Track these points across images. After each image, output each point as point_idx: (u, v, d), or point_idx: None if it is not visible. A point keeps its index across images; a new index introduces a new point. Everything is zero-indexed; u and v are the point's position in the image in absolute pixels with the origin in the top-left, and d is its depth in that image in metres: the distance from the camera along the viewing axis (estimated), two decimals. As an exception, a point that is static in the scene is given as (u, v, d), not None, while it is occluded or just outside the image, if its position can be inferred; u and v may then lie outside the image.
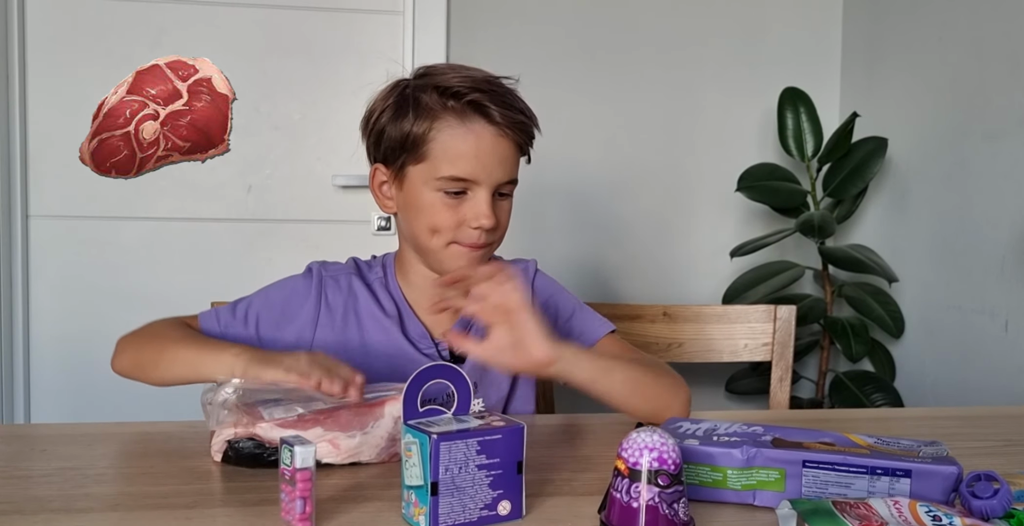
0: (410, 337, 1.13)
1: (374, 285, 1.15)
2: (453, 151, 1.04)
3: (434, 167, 1.05)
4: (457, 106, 1.04)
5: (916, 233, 2.00)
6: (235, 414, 0.88)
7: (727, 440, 0.80)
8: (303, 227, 2.13)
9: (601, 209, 2.24)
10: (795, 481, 0.77)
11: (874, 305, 1.93)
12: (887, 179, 2.09)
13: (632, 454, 0.68)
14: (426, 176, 1.05)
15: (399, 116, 1.06)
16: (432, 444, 0.70)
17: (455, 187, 1.05)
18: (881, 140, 1.98)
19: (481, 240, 1.07)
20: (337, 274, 1.15)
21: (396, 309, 1.14)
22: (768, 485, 0.78)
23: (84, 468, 0.87)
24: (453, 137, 1.04)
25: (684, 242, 2.26)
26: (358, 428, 0.88)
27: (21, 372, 2.04)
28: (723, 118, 2.25)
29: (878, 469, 0.75)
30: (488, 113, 1.04)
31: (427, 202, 1.06)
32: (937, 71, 1.94)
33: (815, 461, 0.76)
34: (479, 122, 1.04)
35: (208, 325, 1.11)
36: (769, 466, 0.77)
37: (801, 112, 2.05)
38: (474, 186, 1.05)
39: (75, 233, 2.05)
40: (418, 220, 1.07)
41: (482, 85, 1.05)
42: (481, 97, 1.04)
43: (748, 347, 1.64)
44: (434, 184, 1.05)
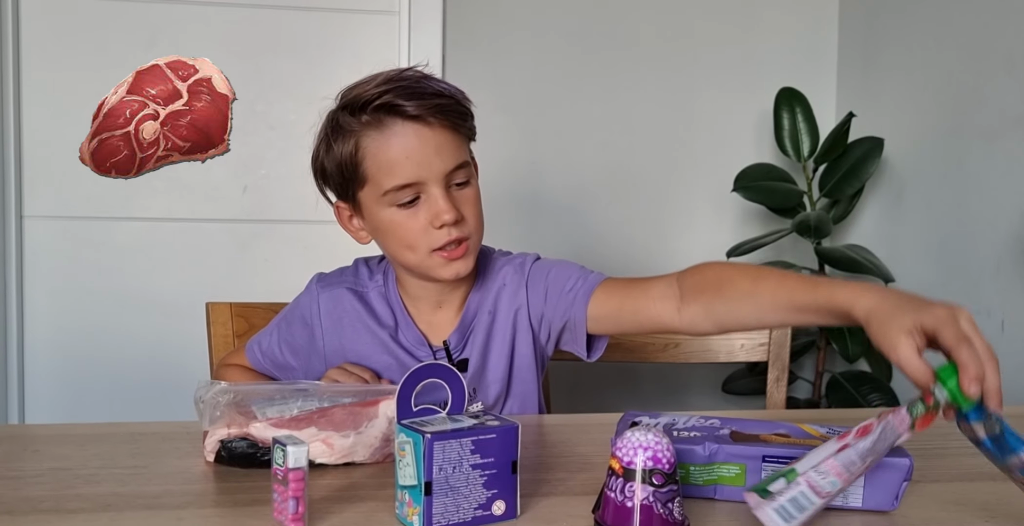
0: (405, 345, 1.13)
1: (370, 295, 1.16)
2: (384, 162, 1.01)
3: (376, 185, 1.03)
4: (370, 116, 1.01)
5: (912, 233, 2.00)
6: (228, 414, 0.88)
7: (687, 435, 0.81)
8: (299, 228, 2.12)
9: (597, 210, 2.23)
10: (755, 475, 0.78)
11: (871, 305, 1.92)
12: (883, 179, 2.09)
13: (626, 453, 0.68)
14: (374, 196, 1.03)
15: (329, 148, 1.04)
16: (426, 443, 0.69)
17: (405, 196, 1.02)
18: (877, 140, 1.98)
19: (452, 236, 1.03)
20: (333, 288, 1.16)
21: (393, 318, 1.14)
22: (728, 480, 0.79)
23: (76, 468, 0.86)
24: (378, 148, 1.01)
25: (681, 242, 2.26)
26: (352, 428, 0.88)
27: (15, 372, 2.03)
28: (719, 118, 2.25)
29: None
30: (401, 110, 1.00)
31: (387, 221, 1.04)
32: (933, 71, 1.93)
33: (774, 456, 0.77)
34: (396, 123, 1.00)
35: (257, 367, 1.22)
36: (730, 461, 0.78)
37: (797, 112, 2.05)
38: (422, 187, 1.02)
39: (70, 234, 2.05)
40: (389, 241, 1.07)
41: (384, 86, 1.00)
42: (388, 98, 0.99)
43: (744, 347, 1.64)
44: (384, 200, 1.03)
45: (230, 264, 2.10)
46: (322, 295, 1.15)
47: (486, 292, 1.14)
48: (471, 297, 1.15)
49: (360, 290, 1.15)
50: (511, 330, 1.13)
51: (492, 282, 1.15)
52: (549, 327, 1.14)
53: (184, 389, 1.27)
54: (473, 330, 1.14)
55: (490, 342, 1.13)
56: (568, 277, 1.12)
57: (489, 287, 1.15)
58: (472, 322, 1.15)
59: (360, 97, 1.01)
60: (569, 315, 1.11)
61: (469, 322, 1.14)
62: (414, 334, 1.13)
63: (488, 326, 1.13)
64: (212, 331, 1.42)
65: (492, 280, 1.15)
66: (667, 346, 1.67)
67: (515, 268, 1.15)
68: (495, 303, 1.14)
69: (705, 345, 1.66)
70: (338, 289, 1.15)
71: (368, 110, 1.00)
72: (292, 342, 1.17)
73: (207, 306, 1.43)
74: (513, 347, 1.13)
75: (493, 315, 1.13)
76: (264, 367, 1.21)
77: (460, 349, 1.14)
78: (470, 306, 1.15)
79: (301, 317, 1.17)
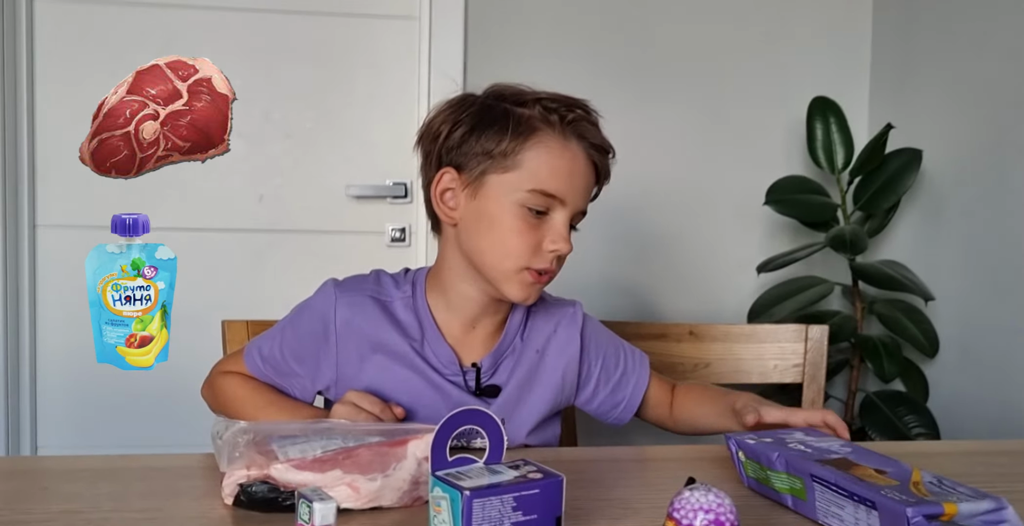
0: (433, 362, 1.07)
1: (395, 305, 1.09)
2: (549, 166, 1.00)
3: (524, 179, 1.00)
4: (559, 123, 1.01)
5: (951, 249, 1.93)
6: (247, 455, 0.82)
7: (794, 447, 0.86)
8: (314, 238, 2.08)
9: (623, 223, 2.17)
10: (811, 492, 0.80)
11: (907, 323, 1.86)
12: (920, 193, 2.03)
13: (685, 515, 0.62)
14: (511, 187, 1.00)
15: (486, 127, 1.01)
16: (464, 501, 0.64)
17: (541, 204, 1.00)
18: (915, 152, 1.91)
19: (551, 266, 1.03)
20: (353, 294, 1.09)
21: (420, 331, 1.08)
22: (797, 492, 0.82)
23: (86, 511, 0.81)
24: (551, 152, 1.01)
25: (708, 257, 2.20)
26: (379, 471, 0.82)
27: (28, 382, 1.99)
28: (748, 128, 2.18)
29: (855, 496, 0.75)
30: (587, 135, 1.03)
31: (506, 215, 1.01)
32: (973, 80, 1.87)
33: (819, 477, 0.79)
34: (573, 143, 1.02)
35: (256, 374, 1.14)
36: (792, 473, 0.82)
37: (831, 122, 1.98)
38: (558, 207, 1.01)
39: (83, 243, 2.00)
40: (491, 234, 1.02)
41: (580, 107, 1.04)
42: (581, 115, 1.03)
43: (778, 368, 1.58)
44: (519, 197, 1.00)
45: (244, 274, 2.05)
46: (341, 300, 1.07)
47: (536, 330, 1.12)
48: (510, 325, 1.11)
49: (383, 299, 1.09)
50: (559, 377, 1.12)
51: (543, 321, 1.13)
52: (594, 391, 1.18)
53: (197, 403, 1.22)
54: (509, 358, 1.10)
55: (534, 380, 1.11)
56: (619, 354, 1.19)
57: (540, 326, 1.13)
58: (508, 350, 1.11)
59: (556, 102, 1.03)
60: (622, 397, 1.18)
61: (505, 349, 1.10)
62: (444, 350, 1.07)
63: (535, 364, 1.11)
64: (228, 350, 1.37)
65: (543, 319, 1.14)
66: (696, 366, 1.61)
67: (568, 318, 1.15)
68: (545, 344, 1.12)
69: (736, 365, 1.60)
70: (359, 296, 1.08)
71: (562, 116, 1.02)
72: (298, 348, 1.10)
73: (223, 324, 1.38)
74: (555, 391, 1.12)
75: (542, 355, 1.11)
76: (265, 374, 1.12)
77: (490, 374, 1.09)
78: (508, 333, 1.11)
79: (314, 321, 1.09)
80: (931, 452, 1.19)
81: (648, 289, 2.19)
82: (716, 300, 2.20)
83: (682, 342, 1.59)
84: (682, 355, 1.59)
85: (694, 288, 2.20)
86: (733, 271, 2.18)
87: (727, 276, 2.19)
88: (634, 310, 2.17)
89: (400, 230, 2.08)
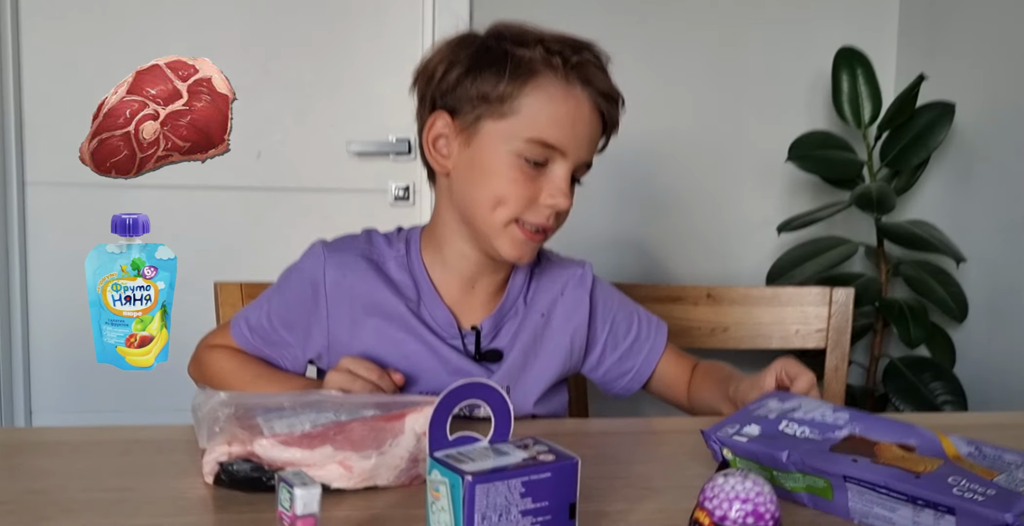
0: (430, 324, 1.00)
1: (388, 264, 1.01)
2: (549, 113, 0.92)
3: (521, 126, 0.92)
4: (562, 66, 0.92)
5: (982, 208, 1.83)
6: (229, 430, 0.75)
7: (792, 433, 0.75)
8: (314, 197, 2.00)
9: (636, 180, 2.08)
10: (842, 492, 0.70)
11: (935, 286, 1.77)
12: (950, 149, 1.92)
13: (718, 506, 0.54)
14: (508, 135, 0.92)
15: (483, 69, 0.93)
16: (466, 487, 0.56)
17: (539, 155, 0.93)
18: (948, 106, 1.80)
19: (549, 222, 0.95)
20: (343, 254, 1.01)
21: (416, 291, 1.00)
22: (817, 490, 0.72)
23: (53, 491, 0.74)
24: (552, 98, 0.92)
25: (724, 216, 2.10)
26: (374, 447, 0.75)
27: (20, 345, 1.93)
28: (769, 80, 2.07)
29: (920, 500, 0.65)
30: (592, 80, 0.94)
31: (501, 165, 0.93)
32: (1009, 28, 1.76)
33: (857, 478, 0.68)
34: (577, 88, 0.93)
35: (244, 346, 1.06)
36: (814, 474, 0.71)
37: (859, 74, 1.87)
38: (558, 158, 0.94)
39: (75, 202, 1.93)
40: (483, 185, 0.94)
41: (587, 50, 0.95)
42: (588, 58, 0.94)
43: (800, 333, 1.50)
44: (515, 146, 0.92)
45: (243, 234, 1.98)
46: (330, 260, 1.00)
47: (540, 292, 1.05)
48: (512, 286, 1.04)
49: (375, 259, 1.01)
50: (567, 342, 1.05)
51: (549, 282, 1.06)
52: (600, 357, 1.10)
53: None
54: (511, 321, 1.03)
55: (540, 346, 1.04)
56: (631, 320, 1.11)
57: (545, 288, 1.06)
58: (510, 312, 1.04)
59: (559, 43, 0.94)
60: (632, 366, 1.11)
61: (507, 311, 1.03)
62: (442, 312, 1.00)
63: (540, 328, 1.04)
64: (221, 313, 1.30)
65: (549, 280, 1.07)
66: (714, 331, 1.53)
67: (576, 279, 1.08)
68: (551, 307, 1.05)
69: (755, 330, 1.52)
70: (349, 255, 1.00)
71: (565, 59, 0.93)
72: (287, 314, 1.02)
73: (215, 286, 1.30)
74: (563, 357, 1.05)
75: (548, 319, 1.04)
76: (253, 346, 1.05)
77: (490, 338, 1.02)
78: (510, 295, 1.03)
79: (303, 285, 1.01)
80: (959, 424, 1.11)
81: (660, 250, 2.10)
82: (733, 262, 2.11)
83: (699, 305, 1.52)
84: (698, 319, 1.52)
85: (709, 249, 2.11)
86: (751, 231, 2.09)
87: (744, 236, 2.10)
88: (645, 273, 2.09)
89: (404, 188, 2.00)
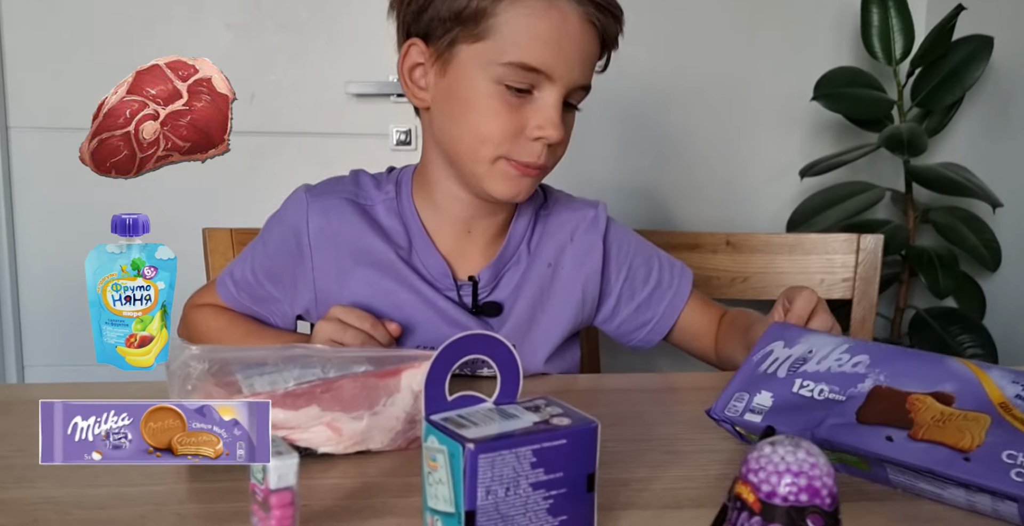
0: (423, 273, 0.91)
1: (377, 208, 0.92)
2: (529, 30, 0.80)
3: (499, 49, 0.81)
4: None
5: (1019, 151, 1.72)
6: (202, 388, 0.67)
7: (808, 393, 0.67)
8: (311, 141, 1.90)
9: (651, 122, 1.97)
10: (879, 467, 0.62)
11: (967, 233, 1.67)
12: (987, 87, 1.80)
13: (765, 479, 0.46)
14: (485, 59, 0.81)
15: None
16: (467, 457, 0.48)
17: (522, 80, 0.81)
18: (986, 39, 1.68)
19: (540, 158, 0.83)
20: (327, 197, 0.92)
21: (406, 236, 0.91)
22: (851, 462, 0.64)
23: (9, 457, 0.66)
24: (532, 13, 0.80)
25: (741, 159, 1.99)
26: (366, 407, 0.67)
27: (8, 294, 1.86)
28: (791, 12, 1.95)
29: (974, 485, 0.57)
30: None
31: (480, 95, 0.82)
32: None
33: (895, 461, 0.60)
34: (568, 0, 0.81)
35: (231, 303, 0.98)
36: (844, 451, 0.63)
37: (890, 6, 1.75)
38: (545, 84, 0.82)
39: (62, 146, 1.83)
40: (464, 119, 0.84)
41: None
42: None
43: (825, 282, 1.42)
44: (494, 72, 0.81)
45: (238, 180, 1.89)
46: (313, 206, 0.91)
47: (547, 237, 0.95)
48: (513, 231, 0.94)
49: (363, 202, 0.92)
50: (578, 292, 0.96)
51: (556, 227, 0.96)
52: (615, 308, 1.01)
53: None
54: (513, 271, 0.94)
55: (548, 298, 0.94)
56: (651, 265, 1.01)
57: (552, 233, 0.96)
58: (511, 261, 0.94)
59: None
60: (651, 316, 1.01)
61: (508, 260, 0.94)
62: (435, 259, 0.91)
63: (547, 279, 0.94)
64: (210, 261, 1.22)
65: (556, 224, 0.96)
66: (734, 280, 1.45)
67: (588, 222, 0.97)
68: (559, 255, 0.95)
69: (778, 280, 1.43)
70: (334, 199, 0.92)
71: None
72: (271, 266, 0.94)
73: (204, 232, 1.23)
74: (574, 309, 0.96)
75: (555, 269, 0.95)
76: (241, 303, 0.97)
77: (489, 289, 0.93)
78: (511, 241, 0.94)
79: (285, 233, 0.93)
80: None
81: (671, 197, 2.00)
82: (750, 209, 2.01)
83: (718, 253, 1.43)
84: (717, 268, 1.43)
85: (725, 195, 2.01)
86: (769, 176, 1.98)
87: (762, 182, 1.99)
88: (654, 222, 1.99)
89: (405, 132, 1.91)
